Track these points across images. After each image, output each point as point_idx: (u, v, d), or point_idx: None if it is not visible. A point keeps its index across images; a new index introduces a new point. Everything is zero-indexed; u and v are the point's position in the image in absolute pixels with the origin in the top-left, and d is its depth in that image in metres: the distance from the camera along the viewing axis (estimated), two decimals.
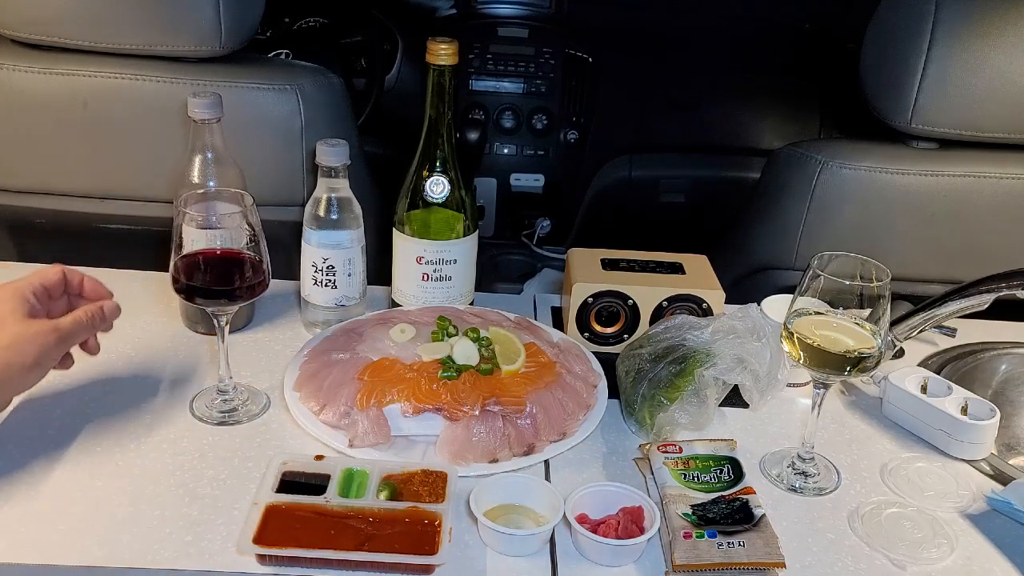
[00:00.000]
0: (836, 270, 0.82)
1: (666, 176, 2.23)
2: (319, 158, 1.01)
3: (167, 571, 0.73)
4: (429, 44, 1.00)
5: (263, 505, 0.76)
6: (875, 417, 1.02)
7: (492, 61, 2.19)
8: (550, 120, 2.22)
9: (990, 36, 1.15)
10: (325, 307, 1.06)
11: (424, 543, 0.74)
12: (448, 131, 1.04)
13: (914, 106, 1.18)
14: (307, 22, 1.97)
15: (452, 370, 0.91)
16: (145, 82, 1.17)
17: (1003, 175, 1.23)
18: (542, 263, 2.22)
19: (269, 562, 0.73)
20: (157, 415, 0.92)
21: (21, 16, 1.15)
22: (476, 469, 0.85)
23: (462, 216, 1.07)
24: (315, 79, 1.24)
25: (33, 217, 1.28)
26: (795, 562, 0.78)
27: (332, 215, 1.03)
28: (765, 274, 1.34)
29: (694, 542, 0.76)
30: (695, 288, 1.06)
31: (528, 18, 2.25)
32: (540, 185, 2.27)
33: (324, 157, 1.01)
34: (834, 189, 1.24)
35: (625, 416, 0.97)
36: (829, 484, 0.90)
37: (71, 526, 0.76)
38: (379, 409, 0.88)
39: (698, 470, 0.85)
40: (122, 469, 0.84)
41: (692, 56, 2.25)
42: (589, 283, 1.06)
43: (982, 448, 0.95)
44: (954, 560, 0.81)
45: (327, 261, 1.04)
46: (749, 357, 0.92)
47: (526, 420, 0.89)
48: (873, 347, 0.82)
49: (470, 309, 1.07)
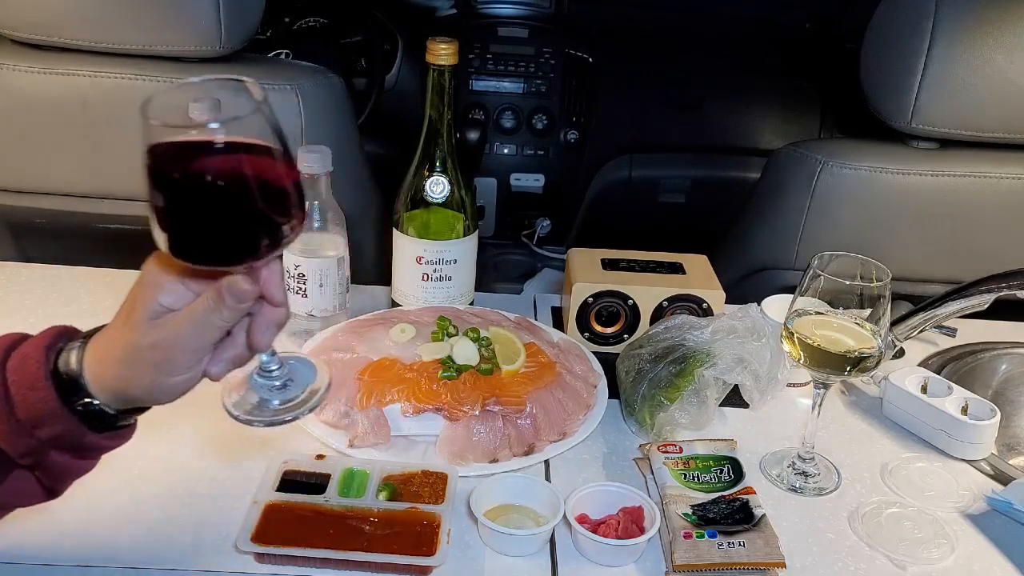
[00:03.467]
0: (836, 270, 0.82)
1: (666, 176, 2.23)
2: (300, 164, 0.98)
3: (167, 571, 0.73)
4: (429, 44, 1.00)
5: (263, 504, 0.76)
6: (875, 417, 1.02)
7: (492, 61, 2.19)
8: (550, 120, 2.22)
9: (990, 36, 1.15)
10: (296, 316, 1.03)
11: (423, 544, 0.74)
12: (448, 131, 1.04)
13: (914, 106, 1.18)
14: (307, 22, 1.97)
15: (452, 370, 0.91)
16: (145, 82, 1.17)
17: (1003, 175, 1.23)
18: (542, 263, 2.22)
19: (268, 561, 0.73)
20: (158, 414, 0.92)
21: (21, 16, 1.15)
22: (476, 469, 0.85)
23: (462, 216, 1.07)
24: (315, 79, 1.24)
25: (33, 217, 1.28)
26: (795, 562, 0.78)
27: (310, 222, 1.00)
28: (765, 274, 1.34)
29: (694, 542, 0.76)
30: (695, 288, 1.06)
31: (528, 18, 2.25)
32: (540, 185, 2.27)
33: (304, 164, 0.98)
34: (834, 189, 1.24)
35: (625, 416, 0.97)
36: (829, 484, 0.90)
37: (71, 526, 0.76)
38: (379, 409, 0.88)
39: (698, 470, 0.85)
40: (122, 469, 0.84)
41: (692, 56, 2.25)
42: (589, 283, 1.06)
43: (982, 448, 0.95)
44: (954, 560, 0.81)
45: (298, 268, 1.01)
46: (749, 357, 0.92)
47: (526, 420, 0.89)
48: (873, 347, 0.82)
49: (470, 309, 1.07)
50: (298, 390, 0.63)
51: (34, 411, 0.60)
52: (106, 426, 0.62)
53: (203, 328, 0.58)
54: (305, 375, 0.64)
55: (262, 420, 0.62)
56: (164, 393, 0.61)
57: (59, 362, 0.61)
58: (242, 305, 0.58)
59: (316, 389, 0.64)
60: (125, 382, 0.60)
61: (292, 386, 0.63)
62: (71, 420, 0.60)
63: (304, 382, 0.64)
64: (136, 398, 0.61)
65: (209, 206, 0.54)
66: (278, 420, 0.62)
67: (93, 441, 0.62)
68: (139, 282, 0.61)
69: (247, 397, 0.63)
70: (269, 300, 0.60)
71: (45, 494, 0.65)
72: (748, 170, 2.11)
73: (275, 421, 0.62)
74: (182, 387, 0.61)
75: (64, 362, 0.61)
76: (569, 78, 2.21)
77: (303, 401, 0.63)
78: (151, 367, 0.59)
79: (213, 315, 0.58)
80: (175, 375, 0.60)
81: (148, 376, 0.59)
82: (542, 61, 2.20)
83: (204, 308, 0.58)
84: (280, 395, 0.63)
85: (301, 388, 0.63)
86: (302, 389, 0.63)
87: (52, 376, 0.60)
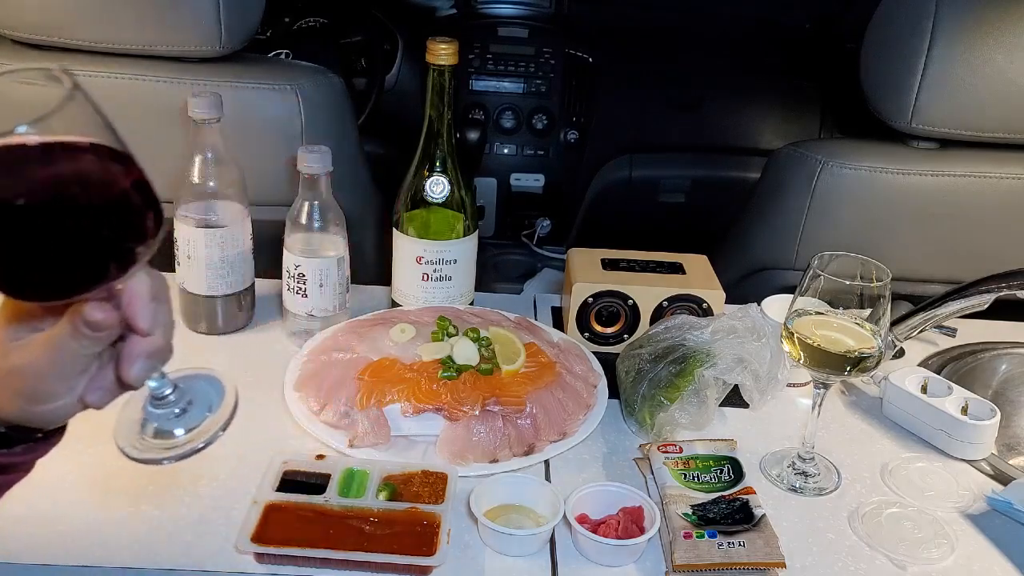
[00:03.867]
0: (836, 270, 0.82)
1: (666, 176, 2.23)
2: (300, 164, 0.99)
3: (167, 571, 0.73)
4: (429, 44, 1.00)
5: (263, 504, 0.76)
6: (875, 417, 1.02)
7: (492, 61, 2.19)
8: (550, 120, 2.22)
9: (990, 36, 1.15)
10: (296, 316, 1.04)
11: (423, 544, 0.74)
12: (448, 131, 1.04)
13: (914, 106, 1.18)
14: (307, 22, 1.97)
15: (452, 370, 0.91)
16: (145, 82, 1.17)
17: (1003, 175, 1.23)
18: (542, 263, 2.22)
19: (267, 561, 0.73)
20: None
21: (21, 16, 1.15)
22: (476, 469, 0.85)
23: (462, 216, 1.07)
24: (315, 79, 1.24)
25: None
26: (795, 562, 0.78)
27: (310, 222, 1.01)
28: (765, 274, 1.34)
29: (694, 542, 0.76)
30: (695, 288, 1.06)
31: (528, 18, 2.25)
32: (540, 185, 2.27)
33: (304, 164, 0.98)
34: (834, 189, 1.24)
35: (625, 416, 0.97)
36: (829, 484, 0.90)
37: (71, 526, 0.76)
38: (379, 409, 0.88)
39: (698, 470, 0.85)
40: (122, 469, 0.83)
41: (692, 56, 2.25)
42: (589, 283, 1.06)
43: (982, 448, 0.95)
44: (954, 560, 0.81)
45: (298, 268, 1.01)
46: (749, 357, 0.92)
47: (526, 420, 0.89)
48: (873, 347, 0.82)
49: (470, 309, 1.07)
50: (202, 411, 0.55)
51: None
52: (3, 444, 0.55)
53: (63, 356, 0.51)
54: (205, 392, 0.56)
55: (171, 456, 0.54)
56: (39, 420, 0.54)
57: None
58: (100, 334, 0.51)
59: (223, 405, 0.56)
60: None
61: (193, 409, 0.55)
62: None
63: (206, 400, 0.56)
64: (13, 422, 0.54)
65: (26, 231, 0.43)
66: (188, 451, 0.54)
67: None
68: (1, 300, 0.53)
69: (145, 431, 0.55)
70: (134, 328, 0.51)
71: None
72: (748, 170, 2.11)
73: (186, 453, 0.54)
74: (57, 414, 0.54)
75: None
76: (569, 78, 2.21)
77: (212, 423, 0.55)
78: (15, 395, 0.53)
79: (71, 344, 0.51)
80: (43, 404, 0.53)
81: (15, 404, 0.53)
82: (542, 61, 2.20)
83: (60, 336, 0.51)
84: (182, 422, 0.55)
85: (206, 408, 0.55)
86: (207, 409, 0.56)
87: None
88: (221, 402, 0.56)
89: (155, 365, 0.53)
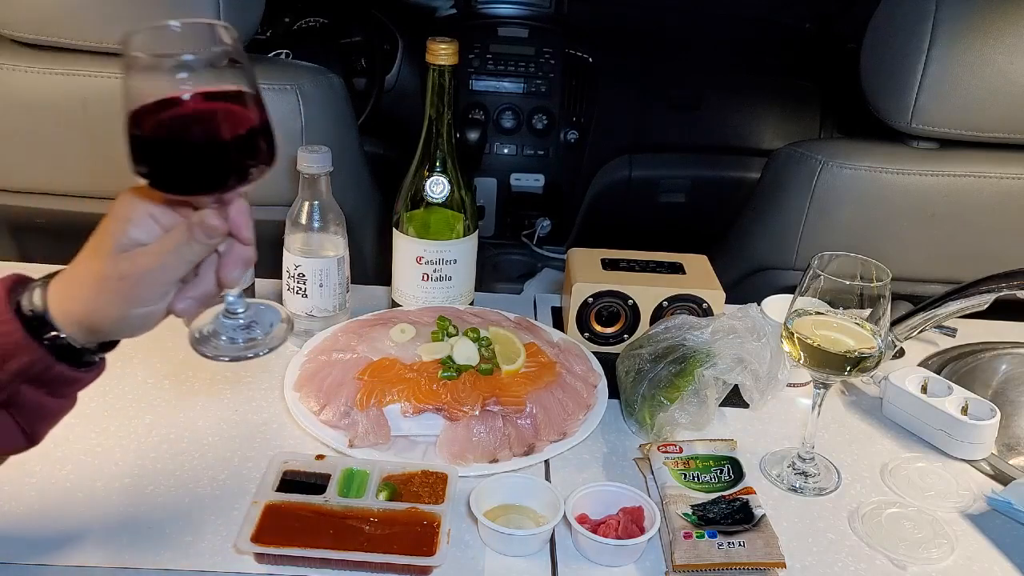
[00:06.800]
0: (836, 270, 0.82)
1: (666, 176, 2.23)
2: (300, 164, 0.99)
3: (167, 571, 0.73)
4: (429, 44, 1.00)
5: (263, 504, 0.76)
6: (875, 417, 1.02)
7: (492, 61, 2.19)
8: (550, 120, 2.22)
9: (990, 36, 1.15)
10: (296, 316, 1.04)
11: (423, 544, 0.74)
12: (448, 131, 1.04)
13: (914, 106, 1.18)
14: (307, 22, 1.97)
15: (452, 370, 0.91)
16: None
17: (1003, 175, 1.23)
18: (542, 263, 2.22)
19: (267, 561, 0.73)
20: (157, 415, 0.92)
21: (21, 16, 1.15)
22: (476, 469, 0.85)
23: (462, 216, 1.07)
24: (315, 79, 1.24)
25: (33, 217, 1.28)
26: (795, 562, 0.78)
27: (310, 222, 1.01)
28: (765, 274, 1.34)
29: (694, 542, 0.76)
30: (695, 288, 1.06)
31: (528, 18, 2.25)
32: (540, 185, 2.27)
33: (304, 164, 0.99)
34: (834, 189, 1.24)
35: (625, 416, 0.97)
36: (829, 484, 0.90)
37: (71, 526, 0.76)
38: (379, 409, 0.88)
39: (698, 470, 0.85)
40: (122, 469, 0.84)
41: (692, 56, 2.25)
42: (589, 283, 1.06)
43: (982, 448, 0.95)
44: (954, 560, 0.81)
45: (298, 268, 1.02)
46: (749, 357, 0.92)
47: (526, 420, 0.89)
48: (873, 347, 0.82)
49: (470, 309, 1.07)
50: (261, 330, 0.68)
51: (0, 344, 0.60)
52: (74, 360, 0.63)
53: (172, 261, 0.60)
54: (269, 317, 0.69)
55: (227, 355, 0.66)
56: (129, 325, 0.62)
57: (21, 302, 0.62)
58: (211, 240, 0.61)
59: (279, 329, 0.68)
60: (92, 313, 0.61)
61: (256, 327, 0.68)
62: (39, 351, 0.61)
63: (267, 323, 0.68)
64: (102, 330, 0.63)
65: (181, 138, 0.59)
66: (241, 356, 0.66)
67: (62, 372, 0.63)
68: (110, 215, 0.63)
69: (213, 335, 0.67)
70: (237, 237, 0.62)
71: (24, 438, 0.65)
72: (748, 170, 2.11)
73: (239, 357, 0.67)
74: (148, 320, 0.62)
75: (27, 301, 0.62)
76: (569, 78, 2.21)
77: (265, 340, 0.67)
78: (118, 297, 0.61)
79: (183, 248, 0.60)
80: (141, 307, 0.61)
81: (115, 306, 0.61)
82: (542, 61, 2.20)
83: (174, 241, 0.60)
84: (244, 334, 0.67)
85: (265, 328, 0.68)
86: (266, 329, 0.68)
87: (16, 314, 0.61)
88: (276, 327, 0.68)
89: (245, 273, 0.66)
